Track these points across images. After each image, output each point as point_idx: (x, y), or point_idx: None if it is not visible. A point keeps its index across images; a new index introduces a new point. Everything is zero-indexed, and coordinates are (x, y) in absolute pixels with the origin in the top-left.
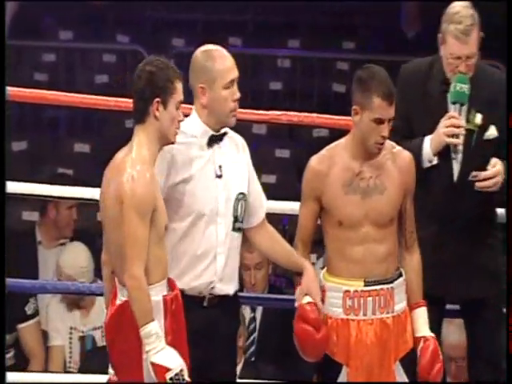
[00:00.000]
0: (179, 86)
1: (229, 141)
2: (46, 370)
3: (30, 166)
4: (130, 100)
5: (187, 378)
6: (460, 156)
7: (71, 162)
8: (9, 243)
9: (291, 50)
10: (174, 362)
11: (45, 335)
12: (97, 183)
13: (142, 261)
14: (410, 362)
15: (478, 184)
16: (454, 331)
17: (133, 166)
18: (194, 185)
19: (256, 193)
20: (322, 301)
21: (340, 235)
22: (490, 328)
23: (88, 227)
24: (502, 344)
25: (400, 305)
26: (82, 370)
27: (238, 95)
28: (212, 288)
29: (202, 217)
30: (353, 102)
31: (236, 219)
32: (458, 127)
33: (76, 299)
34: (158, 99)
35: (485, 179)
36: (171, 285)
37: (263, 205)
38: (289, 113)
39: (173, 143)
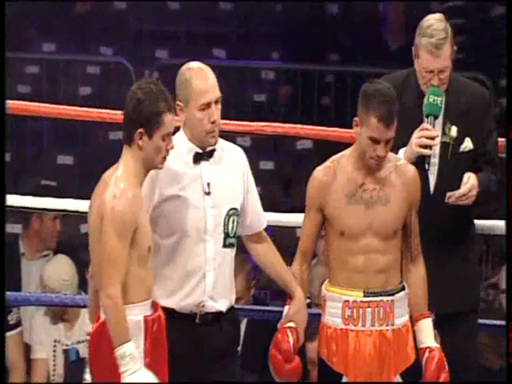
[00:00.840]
0: (168, 118)
1: (222, 155)
2: (27, 383)
3: (13, 178)
4: (114, 112)
5: None
6: (436, 168)
7: (55, 174)
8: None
9: (275, 62)
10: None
11: (27, 347)
12: (80, 195)
13: (118, 281)
14: (410, 375)
15: (451, 201)
16: None
17: (116, 184)
18: (181, 202)
19: (254, 203)
20: (323, 310)
21: (342, 245)
22: (463, 341)
23: (72, 240)
24: (474, 357)
25: (401, 319)
26: (65, 383)
27: (214, 117)
28: (203, 306)
29: (189, 234)
30: (357, 113)
31: (227, 235)
32: (431, 139)
33: (60, 312)
34: (141, 130)
35: (460, 197)
36: (155, 306)
37: (262, 216)
38: (273, 124)
39: (160, 169)
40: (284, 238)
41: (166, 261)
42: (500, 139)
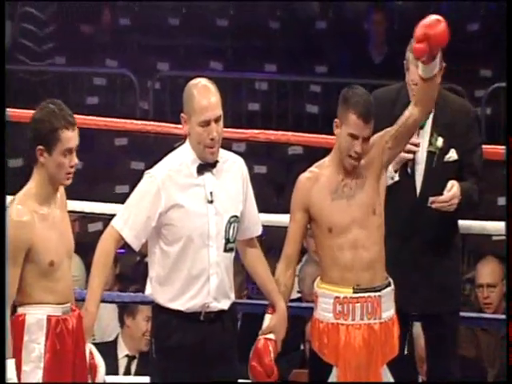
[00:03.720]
0: (65, 134)
1: (223, 165)
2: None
3: (25, 182)
4: (119, 120)
5: None
6: (421, 176)
7: None
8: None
9: (268, 73)
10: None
11: None
12: (87, 197)
13: (10, 298)
14: (396, 365)
15: (434, 206)
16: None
17: (16, 203)
18: (185, 210)
19: (251, 210)
20: (315, 305)
21: (331, 243)
22: (444, 343)
23: (80, 239)
24: (454, 360)
25: (387, 312)
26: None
27: (213, 135)
28: (207, 307)
29: (193, 241)
30: (337, 115)
31: (228, 241)
32: (414, 145)
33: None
34: (40, 147)
35: (442, 202)
36: (75, 315)
37: (258, 223)
38: (266, 131)
39: (66, 185)
40: (276, 239)
41: (172, 266)
42: (488, 147)
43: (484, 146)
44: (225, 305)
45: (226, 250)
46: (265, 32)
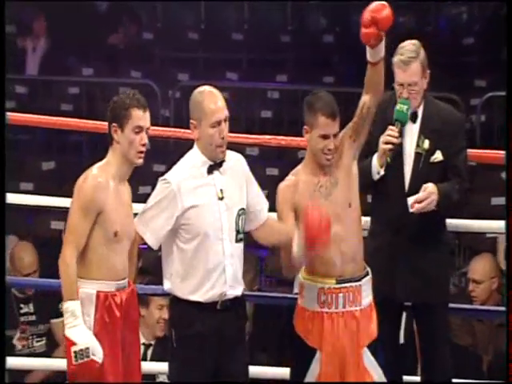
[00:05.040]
0: (135, 113)
1: (228, 164)
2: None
3: (58, 184)
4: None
5: (92, 356)
6: (409, 176)
7: None
8: (41, 249)
9: (279, 83)
10: (83, 339)
11: None
12: None
13: (74, 246)
14: (374, 347)
15: (414, 209)
16: None
17: (91, 171)
18: (200, 210)
19: (256, 198)
20: (300, 295)
21: None
22: (433, 332)
23: None
24: (444, 347)
25: (366, 299)
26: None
27: (224, 133)
28: (224, 295)
29: (209, 236)
30: (304, 123)
31: (238, 232)
32: (394, 138)
33: None
34: (114, 124)
35: (419, 202)
36: (126, 291)
37: (264, 208)
38: (277, 137)
39: (137, 164)
40: None
41: (190, 261)
42: (484, 151)
43: (480, 151)
44: (239, 291)
45: (237, 241)
46: (276, 45)
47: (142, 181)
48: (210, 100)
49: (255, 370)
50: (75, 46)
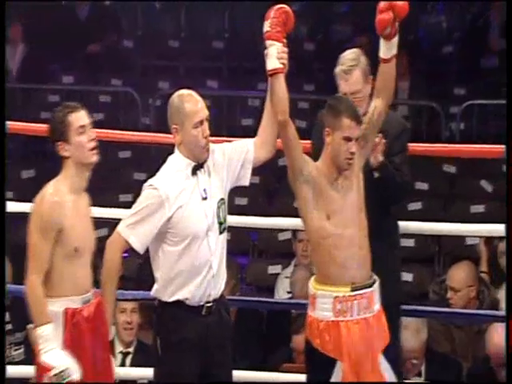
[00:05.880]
0: (73, 116)
1: (209, 161)
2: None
3: (38, 192)
4: (121, 132)
5: (73, 377)
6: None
7: None
8: (17, 255)
9: (260, 91)
10: (60, 361)
11: None
12: (94, 205)
13: (38, 271)
14: (389, 352)
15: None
16: (411, 336)
17: (47, 189)
18: (186, 213)
19: (238, 152)
20: (312, 306)
21: (327, 242)
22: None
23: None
24: (396, 348)
25: (377, 305)
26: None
27: (207, 132)
28: (209, 295)
29: (195, 237)
30: (325, 125)
31: (221, 223)
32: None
33: None
34: (59, 142)
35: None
36: (93, 304)
37: (247, 143)
38: None
39: (94, 162)
40: (268, 244)
41: (175, 264)
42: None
43: (477, 146)
44: (220, 290)
45: (221, 232)
46: (257, 53)
47: (122, 189)
48: (190, 102)
49: (238, 375)
50: (55, 54)
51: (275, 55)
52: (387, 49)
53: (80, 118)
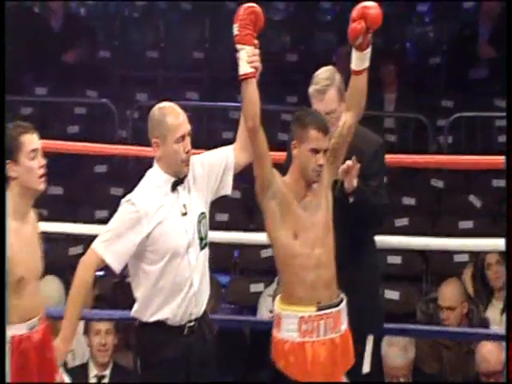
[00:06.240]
0: (25, 138)
1: (188, 174)
2: None
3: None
4: (97, 145)
5: None
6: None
7: (45, 203)
8: None
9: (241, 103)
10: None
11: None
12: (69, 221)
13: None
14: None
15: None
16: (397, 354)
17: None
18: (166, 230)
19: (218, 159)
20: (277, 327)
21: (294, 261)
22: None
23: (61, 262)
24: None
25: (344, 325)
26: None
27: (189, 147)
28: (190, 314)
29: (175, 255)
30: (293, 138)
31: (201, 239)
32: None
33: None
34: (8, 161)
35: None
36: (41, 329)
37: (226, 150)
38: None
39: (41, 190)
40: (249, 261)
41: (155, 283)
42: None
43: (478, 157)
44: (203, 306)
45: (202, 248)
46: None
47: (98, 205)
48: (172, 115)
49: None
50: (28, 65)
51: (245, 59)
52: (359, 60)
53: (32, 140)
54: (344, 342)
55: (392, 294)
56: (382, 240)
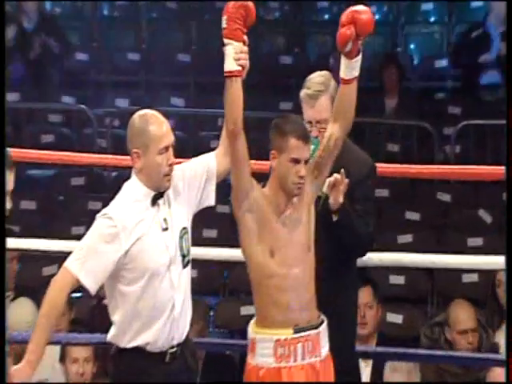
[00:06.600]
0: None
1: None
2: None
3: None
4: (74, 154)
5: None
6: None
7: (17, 218)
8: None
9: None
10: None
11: None
12: (42, 237)
13: None
14: None
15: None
16: (401, 379)
17: None
18: (144, 244)
19: (199, 168)
20: (252, 352)
21: (270, 282)
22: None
23: (34, 282)
24: None
25: (325, 349)
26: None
27: (172, 160)
28: (172, 339)
29: (156, 273)
30: (271, 148)
31: (184, 256)
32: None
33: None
34: None
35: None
36: None
37: (207, 157)
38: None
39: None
40: (240, 279)
41: (133, 306)
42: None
43: (478, 167)
44: (184, 332)
45: (184, 266)
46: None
47: (75, 220)
48: (156, 124)
49: None
50: None
51: (232, 55)
52: (348, 68)
53: None
54: (325, 367)
55: (395, 318)
56: (383, 257)
